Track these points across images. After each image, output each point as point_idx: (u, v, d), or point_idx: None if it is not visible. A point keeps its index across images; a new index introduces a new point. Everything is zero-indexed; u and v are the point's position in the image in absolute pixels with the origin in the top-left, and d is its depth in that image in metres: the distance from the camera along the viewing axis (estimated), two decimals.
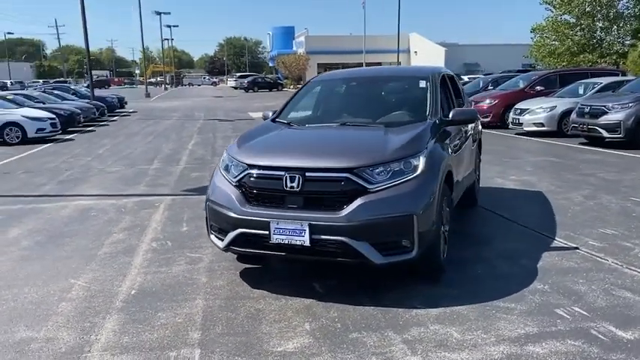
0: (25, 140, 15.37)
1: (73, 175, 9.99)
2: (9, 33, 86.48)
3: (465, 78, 29.01)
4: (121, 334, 3.57)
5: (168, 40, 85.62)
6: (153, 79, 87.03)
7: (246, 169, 4.23)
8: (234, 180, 4.28)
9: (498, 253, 5.02)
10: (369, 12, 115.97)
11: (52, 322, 3.77)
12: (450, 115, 4.95)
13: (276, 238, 3.96)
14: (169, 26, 77.51)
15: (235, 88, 60.37)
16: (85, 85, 76.34)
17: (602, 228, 5.73)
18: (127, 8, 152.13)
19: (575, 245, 5.20)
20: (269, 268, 4.80)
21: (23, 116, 15.82)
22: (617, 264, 4.67)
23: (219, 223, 4.31)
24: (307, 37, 64.19)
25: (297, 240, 3.91)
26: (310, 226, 3.86)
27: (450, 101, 5.74)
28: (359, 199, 3.87)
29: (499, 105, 16.91)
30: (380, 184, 3.94)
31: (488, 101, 17.28)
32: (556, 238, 5.43)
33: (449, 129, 5.00)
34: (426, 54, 59.26)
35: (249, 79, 58.05)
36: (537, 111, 14.49)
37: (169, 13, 64.90)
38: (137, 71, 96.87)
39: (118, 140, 15.90)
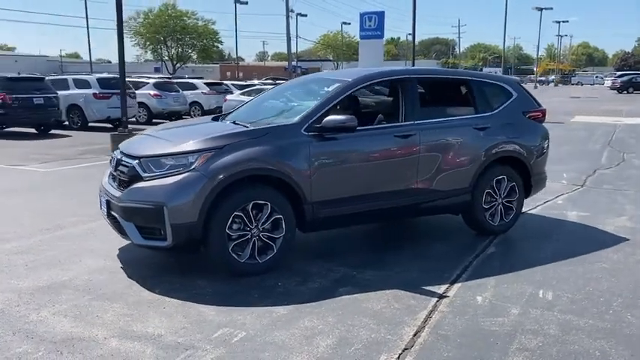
0: None
1: None
2: (409, 34, 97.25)
3: None
4: None
5: (559, 36, 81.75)
6: (543, 78, 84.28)
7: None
8: None
9: (354, 279, 4.44)
10: None
11: None
12: (321, 123, 4.61)
13: (101, 208, 4.83)
14: (558, 22, 73.43)
15: (611, 88, 52.52)
16: None
17: (555, 289, 4.21)
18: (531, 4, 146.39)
19: (450, 295, 4.12)
20: None
21: None
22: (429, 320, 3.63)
23: None
24: None
25: (104, 212, 4.70)
26: (107, 202, 4.60)
27: (402, 110, 5.11)
28: (133, 185, 4.37)
29: None
30: (153, 174, 4.31)
31: None
32: (458, 282, 4.37)
33: (332, 136, 4.64)
34: None
35: (625, 78, 50.07)
36: None
37: (551, 9, 60.60)
38: (535, 68, 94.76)
39: None
